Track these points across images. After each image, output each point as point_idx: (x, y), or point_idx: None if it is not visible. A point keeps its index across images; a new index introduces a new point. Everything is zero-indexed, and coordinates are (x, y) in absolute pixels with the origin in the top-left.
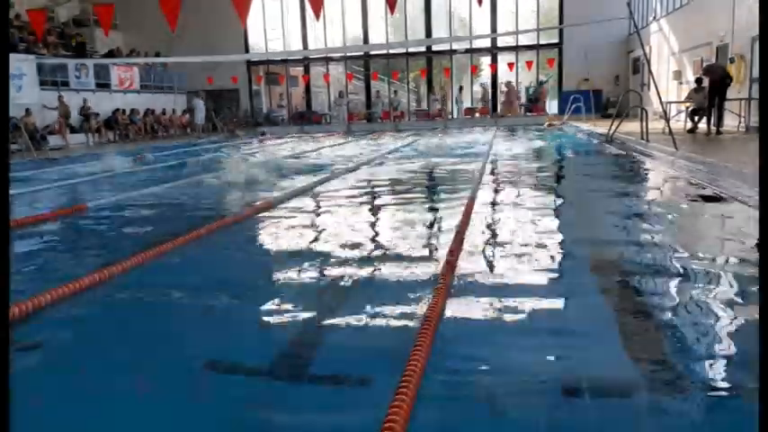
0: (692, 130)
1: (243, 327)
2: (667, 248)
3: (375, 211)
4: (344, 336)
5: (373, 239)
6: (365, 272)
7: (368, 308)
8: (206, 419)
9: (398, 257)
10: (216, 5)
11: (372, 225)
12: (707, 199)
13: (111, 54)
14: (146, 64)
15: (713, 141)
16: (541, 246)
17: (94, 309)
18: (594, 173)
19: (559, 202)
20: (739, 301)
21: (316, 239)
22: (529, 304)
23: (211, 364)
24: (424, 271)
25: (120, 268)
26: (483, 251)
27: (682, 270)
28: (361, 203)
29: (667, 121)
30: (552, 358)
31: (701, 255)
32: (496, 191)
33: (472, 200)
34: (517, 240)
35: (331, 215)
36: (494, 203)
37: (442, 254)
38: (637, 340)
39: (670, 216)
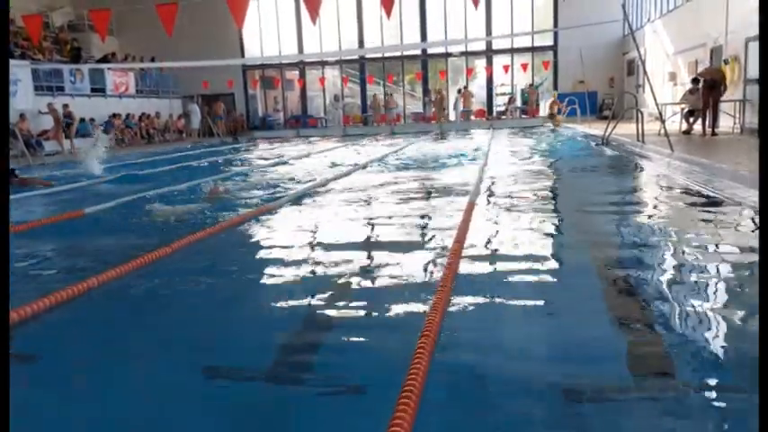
0: (688, 132)
1: (241, 332)
2: (665, 250)
3: (377, 212)
4: (346, 340)
5: (374, 241)
6: (366, 277)
7: (369, 314)
8: (208, 423)
9: (401, 259)
10: (211, 10)
11: (373, 227)
12: (703, 200)
13: (106, 59)
14: (141, 69)
15: (708, 143)
16: (540, 251)
17: (91, 312)
18: (591, 175)
19: (557, 205)
20: (738, 300)
21: (311, 245)
22: (529, 309)
23: (212, 368)
24: (425, 274)
25: (118, 272)
26: (482, 257)
27: (681, 272)
28: (361, 206)
29: (663, 122)
30: (552, 366)
31: (698, 256)
32: (493, 195)
33: (472, 204)
34: (515, 244)
35: (327, 221)
36: (491, 208)
37: (444, 256)
38: (639, 351)
39: (667, 218)
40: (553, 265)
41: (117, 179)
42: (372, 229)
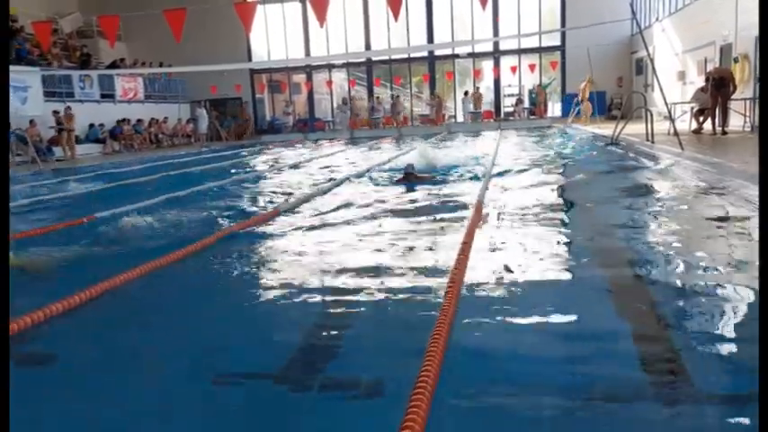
0: (698, 131)
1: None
2: (673, 250)
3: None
4: (355, 341)
5: (378, 243)
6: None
7: (377, 315)
8: (216, 426)
9: (407, 262)
10: (219, 15)
11: (378, 229)
12: (714, 199)
13: (114, 65)
14: (150, 74)
15: (718, 141)
16: (547, 254)
17: (96, 319)
18: (599, 175)
19: (565, 206)
20: (742, 300)
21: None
22: (536, 316)
23: (218, 373)
24: (432, 275)
25: (125, 278)
26: (489, 259)
27: (689, 274)
28: (364, 208)
29: (672, 121)
30: (562, 374)
31: (707, 255)
32: (500, 199)
33: (480, 203)
34: (523, 248)
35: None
36: (498, 211)
37: (451, 257)
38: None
39: (676, 218)
40: (561, 264)
41: None
42: (377, 230)
